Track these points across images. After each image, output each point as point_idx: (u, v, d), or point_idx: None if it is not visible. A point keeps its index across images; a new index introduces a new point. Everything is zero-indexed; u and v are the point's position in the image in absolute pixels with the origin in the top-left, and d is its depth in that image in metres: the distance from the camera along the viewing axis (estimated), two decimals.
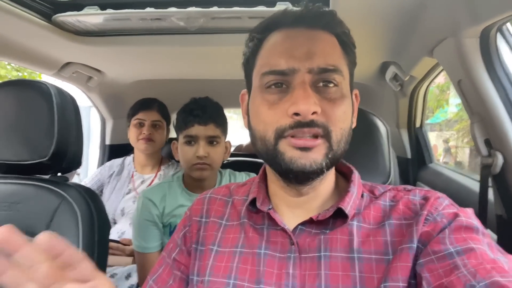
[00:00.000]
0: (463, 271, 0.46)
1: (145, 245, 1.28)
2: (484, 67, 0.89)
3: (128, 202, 1.73)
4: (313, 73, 0.57)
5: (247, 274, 0.60)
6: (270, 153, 0.58)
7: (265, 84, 0.59)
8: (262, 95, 0.59)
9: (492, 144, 0.96)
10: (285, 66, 0.57)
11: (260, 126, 0.59)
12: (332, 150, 0.56)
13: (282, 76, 0.57)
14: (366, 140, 0.94)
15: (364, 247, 0.57)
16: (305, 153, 0.55)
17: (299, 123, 0.55)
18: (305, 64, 0.56)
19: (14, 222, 0.90)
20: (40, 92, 0.96)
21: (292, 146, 0.56)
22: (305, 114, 0.54)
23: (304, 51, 0.57)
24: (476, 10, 0.79)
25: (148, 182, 1.78)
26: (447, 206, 0.57)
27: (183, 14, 1.18)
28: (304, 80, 0.56)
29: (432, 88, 2.00)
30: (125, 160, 1.89)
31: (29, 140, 0.95)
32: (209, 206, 0.72)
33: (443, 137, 6.86)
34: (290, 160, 0.56)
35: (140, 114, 1.75)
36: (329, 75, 0.57)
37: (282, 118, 0.56)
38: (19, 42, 1.33)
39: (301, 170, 0.55)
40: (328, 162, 0.56)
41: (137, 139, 1.74)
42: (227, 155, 1.36)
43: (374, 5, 0.98)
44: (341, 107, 0.58)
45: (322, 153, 0.56)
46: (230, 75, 1.85)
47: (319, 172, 0.57)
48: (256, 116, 0.61)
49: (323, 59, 0.57)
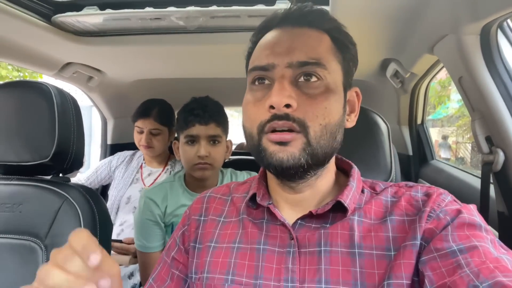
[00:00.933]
0: (466, 271, 0.46)
1: (147, 245, 1.28)
2: (484, 64, 0.88)
3: (134, 191, 1.77)
4: (293, 67, 0.57)
5: (245, 269, 0.60)
6: (255, 149, 0.59)
7: (251, 80, 0.61)
8: (250, 92, 0.61)
9: (493, 141, 0.95)
10: (266, 62, 0.58)
11: (247, 123, 0.61)
12: (310, 146, 0.56)
13: (263, 72, 0.59)
14: (366, 137, 0.94)
15: (365, 242, 0.57)
16: (283, 147, 0.56)
17: (275, 115, 0.55)
18: (284, 59, 0.57)
19: (16, 223, 0.91)
20: (40, 93, 0.96)
21: (271, 141, 0.56)
22: (278, 106, 0.55)
23: (284, 47, 0.58)
24: (476, 6, 0.79)
25: (155, 175, 1.82)
26: (449, 202, 0.57)
27: (182, 13, 1.18)
28: (283, 74, 0.57)
29: (433, 84, 1.99)
30: (136, 153, 1.95)
31: (30, 141, 0.95)
32: (208, 205, 0.73)
33: (444, 133, 6.85)
34: (270, 155, 0.56)
35: (139, 122, 1.76)
36: (309, 67, 0.57)
37: (263, 113, 0.57)
38: (19, 43, 1.33)
39: (279, 164, 0.56)
40: (308, 158, 0.56)
41: (138, 144, 1.78)
42: (228, 154, 1.36)
43: (374, 2, 0.97)
44: (323, 102, 0.57)
45: (299, 148, 0.56)
46: (230, 73, 1.85)
47: (299, 167, 0.56)
48: (245, 113, 0.62)
49: (304, 53, 0.57)
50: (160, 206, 1.29)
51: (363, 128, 0.93)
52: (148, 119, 1.74)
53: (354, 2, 0.98)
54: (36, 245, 0.89)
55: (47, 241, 0.89)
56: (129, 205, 1.74)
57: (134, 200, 1.75)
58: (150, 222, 1.28)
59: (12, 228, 0.91)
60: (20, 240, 0.90)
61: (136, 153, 1.94)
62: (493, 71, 0.88)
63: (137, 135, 1.78)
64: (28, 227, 0.91)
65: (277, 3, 1.14)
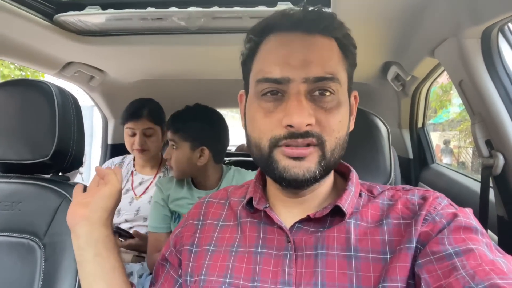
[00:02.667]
0: (462, 273, 0.46)
1: (155, 225, 1.42)
2: (485, 67, 0.88)
3: (124, 202, 1.68)
4: (309, 82, 0.55)
5: (242, 272, 0.60)
6: (264, 160, 0.58)
7: (260, 91, 0.58)
8: (258, 102, 0.59)
9: (493, 144, 0.95)
10: (279, 75, 0.56)
11: (255, 133, 0.59)
12: (325, 158, 0.56)
13: (277, 85, 0.56)
14: (366, 140, 0.94)
15: (361, 246, 0.57)
16: (299, 162, 0.55)
17: (293, 134, 0.55)
18: (301, 74, 0.55)
19: (15, 221, 0.91)
20: (41, 92, 0.96)
21: (286, 155, 0.56)
22: (299, 127, 0.54)
23: (299, 59, 0.56)
24: (477, 10, 0.79)
25: (146, 184, 1.73)
26: (446, 206, 0.57)
27: (184, 14, 1.19)
28: (299, 90, 0.55)
29: (435, 89, 1.99)
30: (125, 158, 1.85)
31: (30, 139, 0.96)
32: (206, 210, 0.73)
33: (445, 138, 6.83)
34: (283, 169, 0.56)
35: (130, 124, 1.66)
36: (325, 83, 0.56)
37: (276, 127, 0.56)
38: (21, 42, 1.33)
39: (294, 179, 0.56)
40: (322, 170, 0.56)
41: (131, 148, 1.69)
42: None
43: (375, 5, 0.98)
44: (337, 116, 0.57)
45: (315, 161, 0.56)
46: (231, 75, 1.85)
47: (313, 180, 0.56)
48: (252, 122, 0.60)
49: (320, 67, 0.56)
50: (164, 191, 1.44)
51: (364, 130, 0.92)
52: (141, 119, 1.65)
53: (355, 5, 0.98)
54: (35, 243, 0.89)
55: (45, 239, 0.89)
56: (120, 218, 1.66)
57: (125, 212, 1.66)
58: (157, 204, 1.44)
59: (11, 226, 0.91)
60: (18, 239, 0.90)
61: (126, 159, 1.83)
62: (493, 75, 0.88)
63: (129, 139, 1.68)
64: (27, 226, 0.91)
65: (279, 4, 1.14)
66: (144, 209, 1.66)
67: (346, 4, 0.98)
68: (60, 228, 0.90)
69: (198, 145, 1.35)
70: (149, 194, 1.70)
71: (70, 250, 0.88)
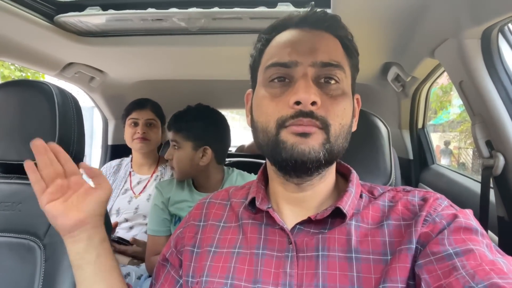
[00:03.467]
0: (462, 273, 0.46)
1: (154, 228, 1.41)
2: (485, 68, 0.88)
3: (123, 202, 1.73)
4: (316, 67, 0.58)
5: (244, 274, 0.60)
6: (271, 143, 0.59)
7: (269, 77, 0.60)
8: (265, 88, 0.61)
9: (494, 145, 0.95)
10: (288, 59, 0.58)
11: (262, 118, 0.60)
12: (330, 142, 0.57)
13: (285, 69, 0.59)
14: (367, 141, 0.94)
15: (362, 247, 0.57)
16: (305, 139, 0.56)
17: (300, 112, 0.56)
18: (308, 58, 0.58)
19: (16, 221, 0.91)
20: (41, 92, 0.96)
21: (293, 133, 0.56)
22: (305, 103, 0.55)
23: (307, 46, 0.59)
24: (477, 10, 0.79)
25: (144, 183, 1.78)
26: (446, 207, 0.57)
27: (184, 15, 1.19)
28: (306, 72, 0.58)
29: (435, 90, 1.99)
30: (123, 161, 1.90)
31: (30, 140, 0.95)
32: (208, 211, 0.73)
33: (445, 138, 6.84)
34: (291, 147, 0.56)
35: (134, 114, 1.76)
36: (331, 69, 0.58)
37: (283, 108, 0.57)
38: (21, 43, 1.33)
39: (301, 156, 0.56)
40: (326, 154, 0.57)
41: (132, 138, 1.75)
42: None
43: (375, 6, 0.98)
44: (342, 103, 0.59)
45: (320, 142, 0.56)
46: (231, 75, 1.85)
47: (317, 161, 0.56)
48: (259, 108, 0.62)
49: (327, 54, 0.59)
50: (163, 194, 1.42)
51: (364, 131, 0.92)
52: (144, 109, 1.77)
53: (355, 6, 0.98)
54: (35, 244, 0.89)
55: (45, 240, 0.89)
56: (120, 217, 1.69)
57: (124, 211, 1.70)
58: (157, 207, 1.42)
59: (11, 227, 0.91)
60: (18, 239, 0.90)
61: (123, 162, 1.89)
62: (493, 75, 0.88)
63: (130, 129, 1.76)
64: (27, 226, 0.91)
65: (279, 5, 1.15)
66: (143, 207, 1.70)
67: (346, 5, 0.98)
68: None
69: (200, 144, 1.35)
70: (147, 192, 1.75)
71: None
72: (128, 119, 1.77)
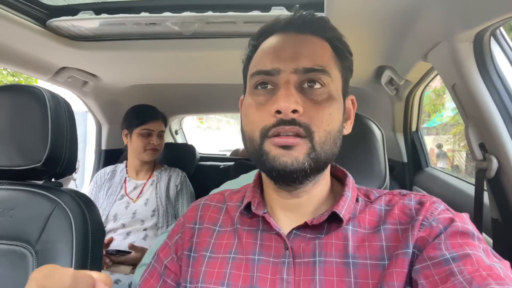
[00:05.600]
0: (459, 278, 0.46)
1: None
2: (478, 71, 0.89)
3: (120, 208, 1.73)
4: (299, 73, 0.57)
5: (240, 280, 0.59)
6: (256, 153, 0.58)
7: (253, 85, 0.60)
8: (251, 96, 0.61)
9: (487, 148, 0.96)
10: (270, 66, 0.58)
11: (248, 127, 0.60)
12: (315, 151, 0.56)
13: (267, 76, 0.58)
14: (361, 144, 0.94)
15: (359, 252, 0.57)
16: (287, 151, 0.55)
17: (281, 121, 0.55)
18: (290, 65, 0.57)
19: (7, 228, 0.90)
20: (34, 97, 0.95)
21: (275, 145, 0.56)
22: (285, 111, 0.54)
23: (290, 52, 0.58)
24: (469, 14, 0.80)
25: (140, 188, 1.80)
26: (442, 211, 0.57)
27: (178, 19, 1.19)
28: (288, 80, 0.57)
29: (428, 93, 2.01)
30: (117, 166, 1.90)
31: (22, 145, 0.95)
32: (202, 213, 0.72)
33: (438, 141, 6.88)
34: (273, 159, 0.56)
35: (149, 125, 1.77)
36: (315, 74, 0.57)
37: (267, 118, 0.57)
38: (13, 47, 1.32)
39: (283, 168, 0.55)
40: (311, 163, 0.56)
41: (144, 149, 1.76)
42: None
43: (368, 10, 0.98)
44: (327, 109, 0.57)
45: (304, 152, 0.55)
46: (225, 79, 1.85)
47: (301, 171, 0.56)
48: (246, 117, 0.61)
49: (310, 59, 0.58)
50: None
51: (358, 134, 0.92)
52: (158, 121, 1.81)
53: (348, 10, 0.99)
54: (27, 250, 0.88)
55: (37, 246, 0.88)
56: (117, 223, 1.69)
57: (122, 217, 1.70)
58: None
59: (2, 233, 0.90)
60: (10, 246, 0.89)
61: (117, 168, 1.89)
62: (486, 78, 0.89)
63: (143, 139, 1.75)
64: (18, 233, 0.90)
65: (273, 10, 1.15)
66: (141, 211, 1.71)
67: (339, 9, 0.99)
68: (52, 235, 0.89)
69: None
70: (145, 197, 1.76)
71: (62, 257, 0.87)
72: (142, 129, 1.76)
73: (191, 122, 9.45)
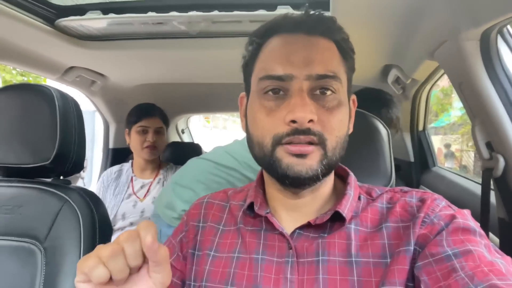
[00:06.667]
0: (461, 274, 0.46)
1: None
2: (484, 69, 0.88)
3: (128, 206, 1.74)
4: (311, 79, 0.56)
5: (244, 279, 0.60)
6: (267, 159, 0.58)
7: (263, 89, 0.59)
8: (259, 100, 0.59)
9: (494, 147, 0.95)
10: (282, 72, 0.57)
11: (257, 132, 0.59)
12: (327, 157, 0.56)
13: (279, 82, 0.57)
14: (367, 143, 0.94)
15: (362, 251, 0.57)
16: (301, 160, 0.55)
17: (296, 130, 0.55)
18: (303, 71, 0.56)
19: (16, 225, 0.91)
20: (42, 96, 0.96)
21: (289, 153, 0.56)
22: (302, 122, 0.54)
23: (302, 57, 0.57)
24: (476, 12, 0.79)
25: (147, 187, 1.80)
26: (444, 207, 0.57)
27: (184, 18, 1.19)
28: (301, 87, 0.56)
29: (436, 92, 1.99)
30: (123, 166, 1.91)
31: (31, 143, 0.96)
32: (206, 211, 0.72)
33: (447, 141, 6.82)
34: (286, 167, 0.56)
35: (144, 121, 1.76)
36: (327, 81, 0.57)
37: (279, 125, 0.56)
38: (22, 47, 1.34)
39: (297, 176, 0.55)
40: (323, 169, 0.56)
41: (141, 146, 1.76)
42: None
43: (374, 9, 0.98)
44: (338, 115, 0.58)
45: (317, 160, 0.56)
46: (232, 78, 1.85)
47: (315, 179, 0.57)
48: (254, 121, 0.60)
49: (322, 65, 0.57)
50: None
51: (364, 133, 0.92)
52: (154, 117, 1.78)
53: (354, 9, 0.99)
54: (35, 247, 0.89)
55: (46, 243, 0.89)
56: (125, 222, 1.71)
57: (130, 216, 1.72)
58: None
59: (11, 230, 0.91)
60: (19, 242, 0.90)
61: (124, 167, 1.89)
62: (493, 77, 0.88)
63: (139, 137, 1.76)
64: (27, 230, 0.91)
65: (279, 8, 1.15)
66: (149, 210, 1.72)
67: (345, 8, 0.99)
68: (60, 232, 0.90)
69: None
70: (152, 195, 1.78)
71: (70, 254, 0.88)
72: (138, 126, 1.76)
73: (197, 122, 9.48)
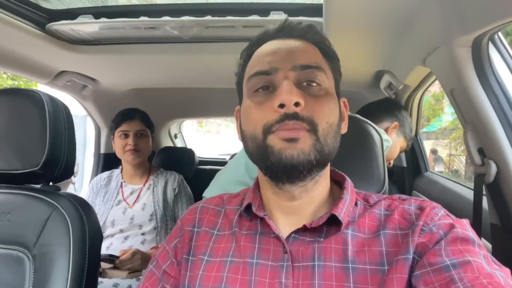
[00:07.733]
0: (459, 286, 0.46)
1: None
2: (476, 76, 0.89)
3: (117, 213, 1.72)
4: (296, 70, 0.59)
5: (237, 284, 0.59)
6: (259, 149, 0.58)
7: (253, 88, 0.61)
8: (250, 98, 0.62)
9: (486, 152, 0.95)
10: (268, 66, 0.60)
11: (249, 126, 0.60)
12: (320, 143, 0.57)
13: (266, 76, 0.60)
14: (360, 148, 0.94)
15: (359, 257, 0.56)
16: (293, 144, 0.55)
17: (285, 115, 0.56)
18: (288, 62, 0.59)
19: (4, 232, 0.90)
20: (32, 100, 0.95)
21: (280, 138, 0.56)
22: (288, 104, 0.55)
23: (286, 52, 0.61)
24: (467, 19, 0.80)
25: (137, 193, 1.78)
26: (442, 216, 0.57)
27: (177, 23, 1.19)
28: (287, 76, 0.59)
29: (427, 98, 2.01)
30: (113, 172, 1.89)
31: (20, 149, 0.94)
32: (201, 216, 0.72)
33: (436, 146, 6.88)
34: (278, 152, 0.56)
35: (124, 126, 1.76)
36: (312, 71, 0.59)
37: (269, 114, 0.57)
38: (13, 51, 1.33)
39: (289, 160, 0.55)
40: (317, 155, 0.56)
41: (123, 150, 1.75)
42: None
43: (366, 14, 0.98)
44: (326, 102, 0.59)
45: (309, 144, 0.56)
46: (224, 83, 1.85)
47: (308, 163, 0.56)
48: (246, 118, 0.62)
49: (306, 57, 0.60)
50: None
51: (357, 138, 0.92)
52: (134, 120, 1.77)
53: (346, 14, 0.99)
54: (24, 255, 0.87)
55: (35, 251, 0.87)
56: (115, 229, 1.68)
57: (119, 222, 1.70)
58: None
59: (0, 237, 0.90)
60: (7, 250, 0.88)
61: (113, 173, 1.88)
62: (484, 83, 0.89)
63: (121, 141, 1.75)
64: (16, 237, 0.89)
65: (272, 14, 1.15)
66: (138, 216, 1.70)
67: (338, 13, 0.99)
68: (49, 239, 0.89)
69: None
70: (142, 201, 1.75)
71: (59, 261, 0.86)
72: (118, 131, 1.76)
73: (190, 126, 9.46)
